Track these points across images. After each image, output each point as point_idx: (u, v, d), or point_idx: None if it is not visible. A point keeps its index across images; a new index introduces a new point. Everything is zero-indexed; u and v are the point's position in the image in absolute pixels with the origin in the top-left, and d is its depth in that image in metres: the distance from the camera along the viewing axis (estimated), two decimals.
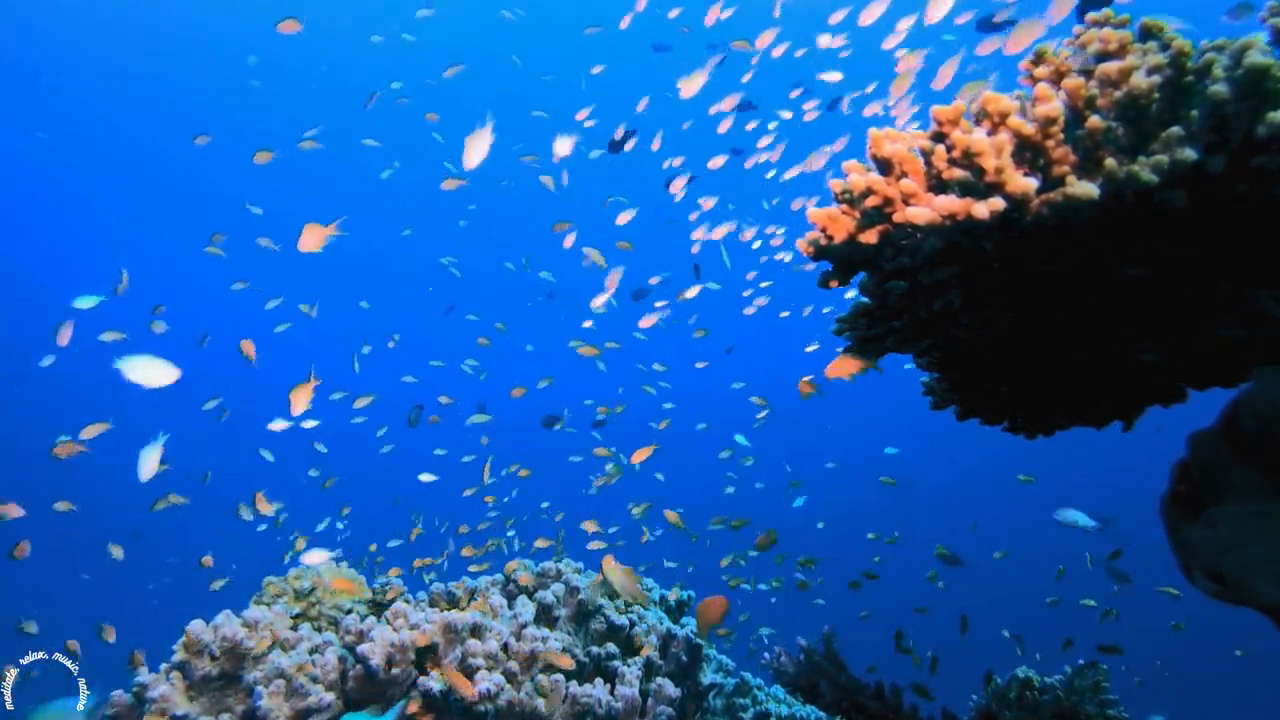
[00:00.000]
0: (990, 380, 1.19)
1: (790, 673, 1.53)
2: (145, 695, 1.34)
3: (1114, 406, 1.17)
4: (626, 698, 1.46)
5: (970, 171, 0.95)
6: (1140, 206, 0.94)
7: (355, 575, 1.72)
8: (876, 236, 1.03)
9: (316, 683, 1.38)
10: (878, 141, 1.02)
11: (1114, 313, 1.05)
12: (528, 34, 11.19)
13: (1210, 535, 1.03)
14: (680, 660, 1.69)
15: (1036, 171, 0.95)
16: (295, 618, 1.60)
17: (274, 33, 3.88)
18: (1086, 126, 0.93)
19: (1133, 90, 0.92)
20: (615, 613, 1.68)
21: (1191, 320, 1.04)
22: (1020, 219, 0.95)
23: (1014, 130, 0.94)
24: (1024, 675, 1.52)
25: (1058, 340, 1.10)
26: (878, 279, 1.12)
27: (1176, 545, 1.08)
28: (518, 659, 1.47)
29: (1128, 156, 0.93)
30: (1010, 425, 1.22)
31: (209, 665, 1.39)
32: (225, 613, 1.43)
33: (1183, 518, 1.08)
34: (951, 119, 0.98)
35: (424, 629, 1.44)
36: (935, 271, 1.05)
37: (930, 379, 1.26)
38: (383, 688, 1.40)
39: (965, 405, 1.22)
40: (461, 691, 1.35)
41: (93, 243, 15.13)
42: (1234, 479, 1.05)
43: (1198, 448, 1.07)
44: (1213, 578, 1.03)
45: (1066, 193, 0.92)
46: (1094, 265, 1.01)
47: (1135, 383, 1.13)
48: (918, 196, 0.99)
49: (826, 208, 1.05)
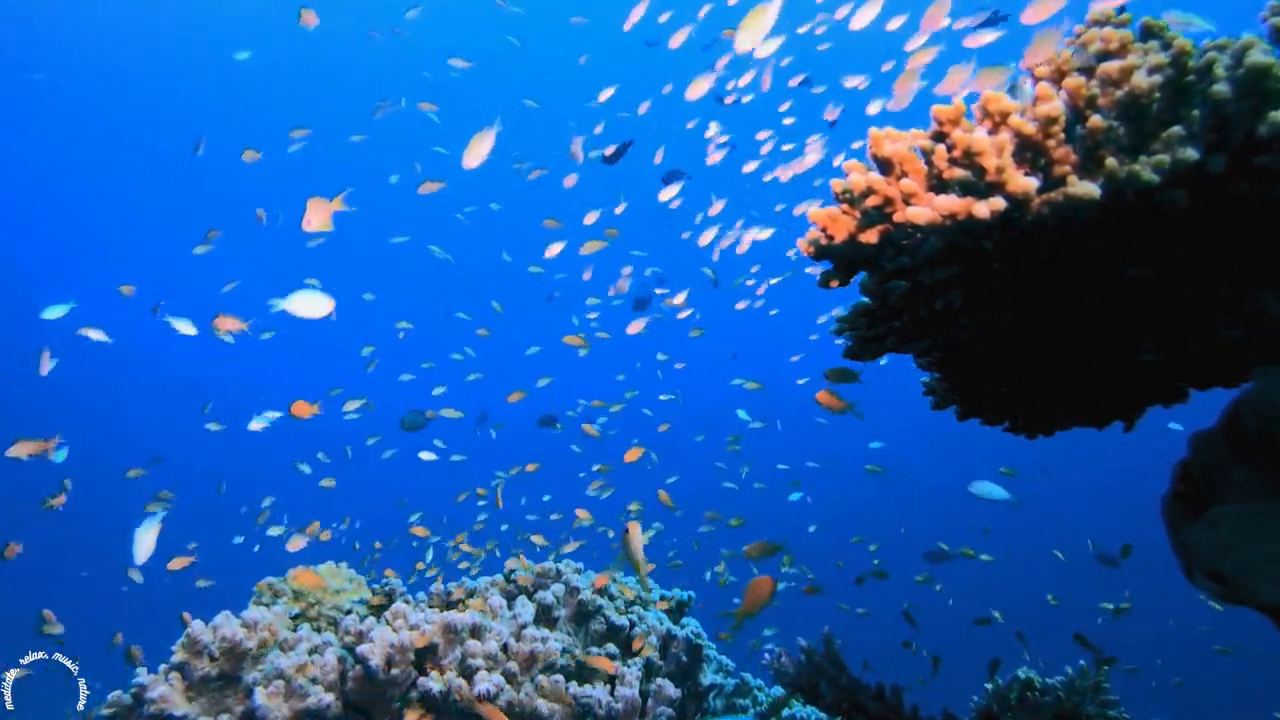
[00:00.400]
0: (990, 380, 1.19)
1: (790, 673, 1.53)
2: (144, 696, 1.34)
3: (1115, 406, 1.16)
4: (626, 698, 1.46)
5: (971, 171, 0.95)
6: (1141, 206, 0.94)
7: (355, 575, 1.71)
8: (877, 236, 1.03)
9: (316, 683, 1.38)
10: (878, 141, 1.01)
11: (1114, 313, 1.05)
12: (524, 31, 11.20)
13: (1211, 535, 1.03)
14: (680, 661, 1.69)
15: (1037, 171, 0.95)
16: (295, 618, 1.60)
17: (271, 31, 3.87)
18: (1088, 126, 0.93)
19: (1134, 89, 0.92)
20: (615, 613, 1.68)
21: (1192, 320, 1.04)
22: (1021, 219, 0.95)
23: (1015, 130, 0.94)
24: (1025, 676, 1.52)
25: (1058, 340, 1.10)
26: (878, 279, 1.11)
27: (1178, 545, 1.07)
28: (517, 659, 1.47)
29: (1129, 156, 0.93)
30: (1011, 425, 1.22)
31: (208, 666, 1.39)
32: (224, 613, 1.43)
33: (1184, 518, 1.07)
34: (952, 118, 0.97)
35: (423, 629, 1.44)
36: (936, 271, 1.05)
37: (931, 379, 1.26)
38: (382, 688, 1.40)
39: (965, 405, 1.22)
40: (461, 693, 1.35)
41: (92, 242, 15.13)
42: (1235, 479, 1.05)
43: (1199, 448, 1.06)
44: (1213, 578, 1.02)
45: (1067, 192, 0.92)
46: (1095, 265, 1.00)
47: (1136, 383, 1.13)
48: (918, 196, 0.99)
49: (827, 207, 1.05)
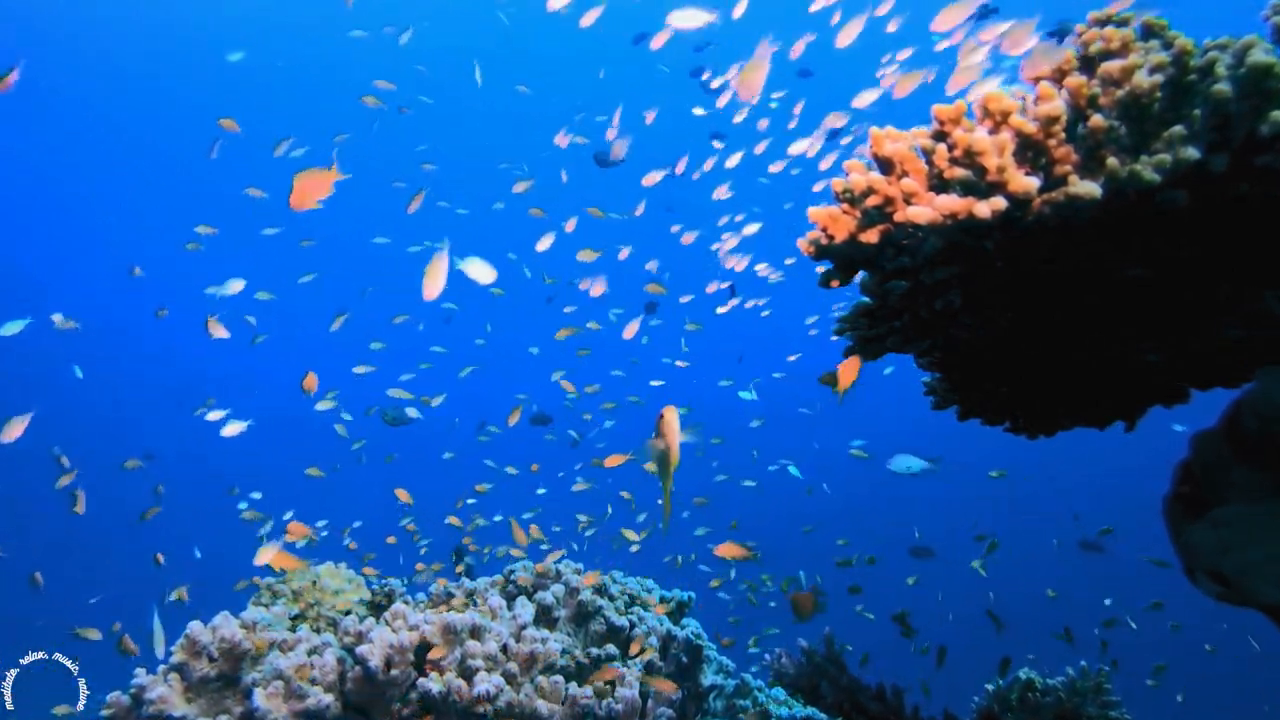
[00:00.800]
0: (991, 380, 1.19)
1: (791, 674, 1.53)
2: (143, 697, 1.34)
3: (1115, 407, 1.16)
4: (626, 699, 1.46)
5: (972, 170, 0.95)
6: (1142, 206, 0.93)
7: (353, 576, 1.71)
8: (877, 236, 1.03)
9: (315, 684, 1.38)
10: (878, 140, 1.01)
11: (1115, 313, 1.04)
12: (521, 28, 11.20)
13: (1212, 535, 1.02)
14: (680, 662, 1.68)
15: (1038, 171, 0.94)
16: (294, 619, 1.60)
17: (271, 31, 3.85)
18: (1089, 125, 0.92)
19: (1135, 89, 0.91)
20: (615, 614, 1.68)
21: (1193, 320, 1.03)
22: (1022, 218, 0.95)
23: (1016, 129, 0.93)
24: (1026, 677, 1.52)
25: (1059, 340, 1.10)
26: (879, 279, 1.11)
27: (1179, 546, 1.07)
28: (517, 660, 1.47)
29: (1130, 156, 0.92)
30: (1011, 425, 1.21)
31: (207, 667, 1.39)
32: (223, 614, 1.43)
33: (1185, 518, 1.07)
34: (953, 118, 0.97)
35: (423, 630, 1.44)
36: (936, 271, 1.05)
37: (931, 379, 1.25)
38: (382, 689, 1.40)
39: (966, 405, 1.22)
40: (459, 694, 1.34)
41: (92, 242, 15.12)
42: (1236, 479, 1.04)
43: (1200, 448, 1.06)
44: (1214, 578, 1.02)
45: (1069, 192, 0.92)
46: (1095, 265, 1.00)
47: (1137, 383, 1.13)
48: (919, 196, 0.98)
49: (827, 206, 1.05)
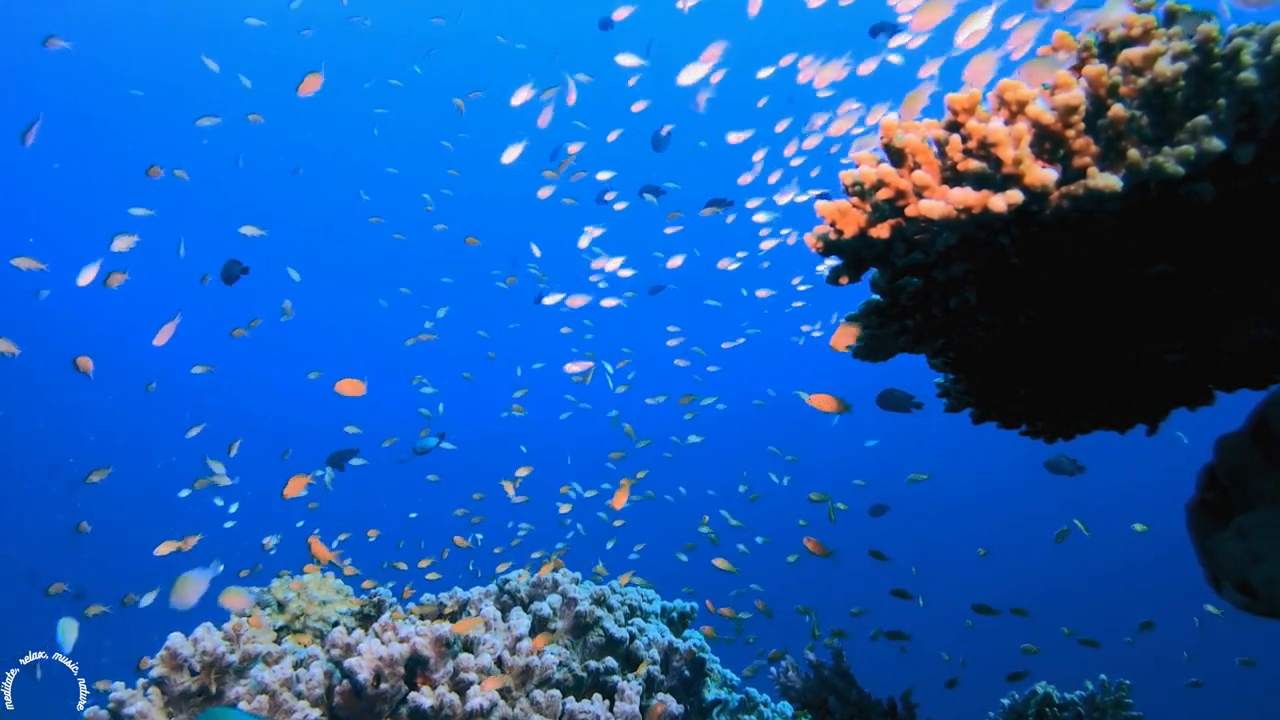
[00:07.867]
0: (1008, 382, 1.15)
1: (798, 688, 1.48)
2: (121, 712, 1.29)
3: (1138, 409, 1.12)
4: (627, 715, 1.41)
5: (987, 162, 0.91)
6: (1166, 199, 0.90)
7: (341, 585, 1.66)
8: (888, 231, 0.99)
9: (301, 699, 1.32)
10: (890, 131, 0.97)
11: (1138, 311, 1.00)
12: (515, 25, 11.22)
13: (1239, 545, 0.98)
14: (683, 675, 1.63)
15: (1056, 163, 0.91)
16: (279, 630, 1.54)
17: (272, 30, 3.83)
18: (1109, 115, 0.88)
19: (1157, 77, 0.87)
20: (614, 625, 1.63)
21: (1219, 319, 0.99)
22: (1039, 212, 0.91)
23: (1033, 119, 0.90)
24: (1043, 691, 1.46)
25: (1078, 340, 1.05)
26: (890, 275, 1.07)
27: (1203, 555, 1.03)
28: (512, 674, 1.41)
29: (1152, 147, 0.88)
30: (1029, 429, 1.17)
31: (189, 680, 1.34)
32: (205, 625, 1.38)
33: (1210, 526, 1.03)
34: (967, 108, 0.93)
35: (414, 642, 1.39)
36: (950, 267, 1.01)
37: (945, 380, 1.21)
38: (370, 704, 1.35)
39: (982, 408, 1.17)
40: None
41: (91, 242, 15.09)
42: (1264, 485, 1.00)
43: (1226, 452, 1.02)
44: (1241, 589, 0.98)
45: (1088, 185, 0.88)
46: (1117, 261, 0.96)
47: (1160, 384, 1.08)
48: (932, 189, 0.94)
49: (836, 201, 1.01)
